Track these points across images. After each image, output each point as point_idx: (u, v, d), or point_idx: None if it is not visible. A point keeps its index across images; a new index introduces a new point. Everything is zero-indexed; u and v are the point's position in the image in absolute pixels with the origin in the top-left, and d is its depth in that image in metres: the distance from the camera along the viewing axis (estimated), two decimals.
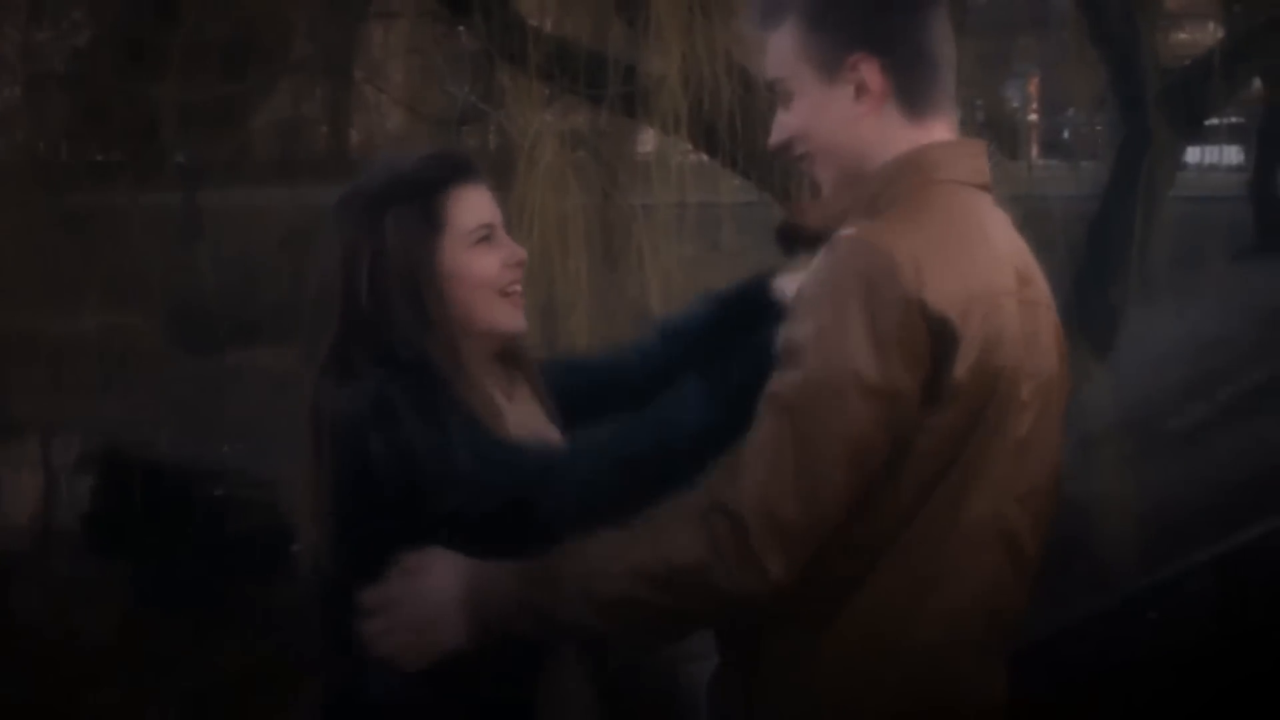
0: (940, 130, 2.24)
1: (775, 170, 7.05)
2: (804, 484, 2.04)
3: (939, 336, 2.05)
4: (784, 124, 2.28)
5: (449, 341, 2.35)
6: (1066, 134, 15.49)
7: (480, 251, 2.39)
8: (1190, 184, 12.01)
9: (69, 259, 11.31)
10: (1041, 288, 2.26)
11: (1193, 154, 14.24)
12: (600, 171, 7.85)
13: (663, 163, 7.35)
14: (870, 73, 2.19)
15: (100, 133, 12.10)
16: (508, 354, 2.51)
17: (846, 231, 2.10)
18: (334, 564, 2.36)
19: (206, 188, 12.44)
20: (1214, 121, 12.43)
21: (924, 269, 2.05)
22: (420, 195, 2.38)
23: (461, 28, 8.59)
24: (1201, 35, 13.30)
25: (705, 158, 7.55)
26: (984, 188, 2.25)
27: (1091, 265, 8.62)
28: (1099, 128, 12.31)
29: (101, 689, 8.46)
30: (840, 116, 2.22)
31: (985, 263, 2.14)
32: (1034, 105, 16.30)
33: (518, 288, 2.45)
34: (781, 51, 2.25)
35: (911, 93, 2.21)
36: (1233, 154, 17.88)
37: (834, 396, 2.03)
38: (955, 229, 2.15)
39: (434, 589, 2.24)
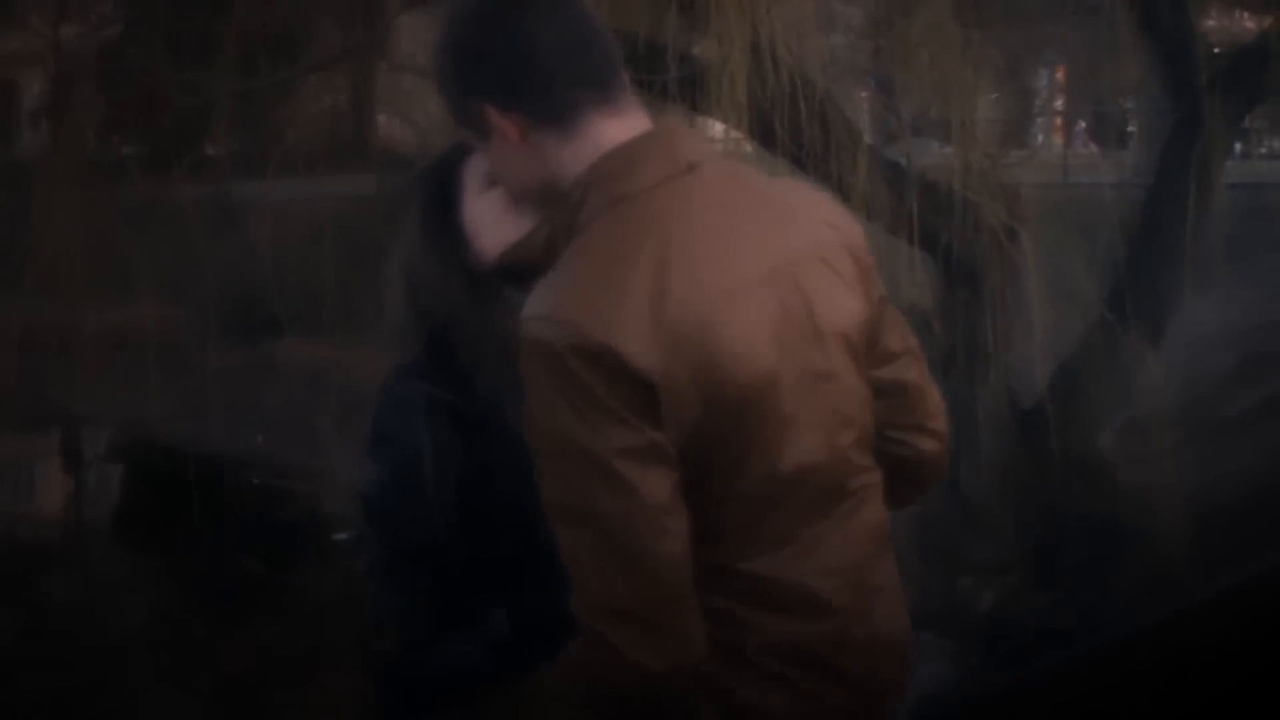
0: (613, 130, 2.12)
1: (831, 161, 7.00)
2: (626, 564, 1.97)
3: (652, 389, 1.97)
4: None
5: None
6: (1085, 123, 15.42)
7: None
8: (1235, 170, 11.94)
9: (100, 251, 11.30)
10: (806, 238, 2.16)
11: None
12: None
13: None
14: (494, 119, 2.12)
15: (130, 125, 12.09)
16: None
17: (529, 312, 2.01)
18: None
19: (239, 180, 12.43)
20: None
21: (622, 330, 1.96)
22: None
23: None
24: (1237, 19, 13.18)
25: (756, 148, 7.51)
26: (691, 169, 2.11)
27: (1144, 253, 8.57)
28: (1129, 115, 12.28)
29: (136, 680, 8.47)
30: (510, 160, 2.16)
31: (697, 278, 2.02)
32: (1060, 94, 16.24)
33: None
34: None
35: (549, 113, 2.11)
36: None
37: (601, 477, 1.96)
38: (653, 257, 2.02)
39: None
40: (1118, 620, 7.35)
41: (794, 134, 6.84)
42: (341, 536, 10.98)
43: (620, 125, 2.12)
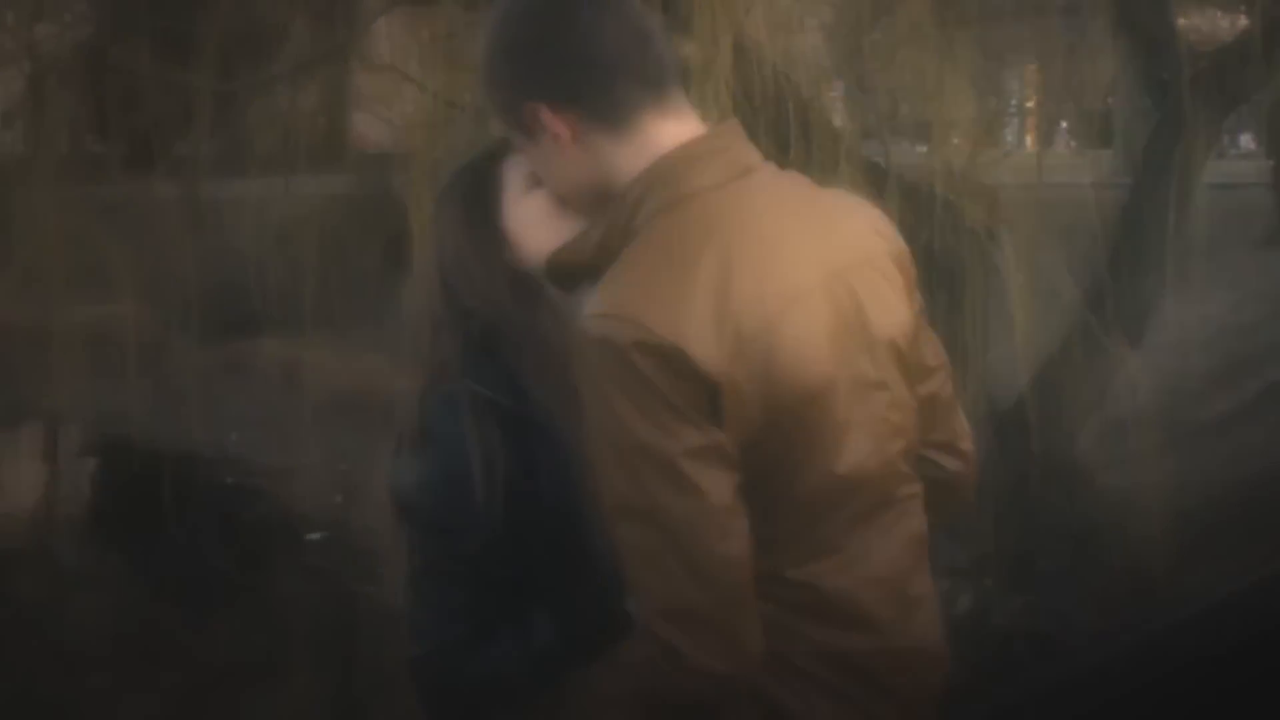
0: (669, 131, 2.09)
1: (813, 163, 7.00)
2: (689, 565, 1.95)
3: (716, 389, 1.96)
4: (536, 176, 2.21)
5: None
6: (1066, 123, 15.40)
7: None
8: (1210, 169, 11.98)
9: (71, 250, 11.25)
10: (859, 245, 2.15)
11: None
12: None
13: None
14: (546, 118, 2.08)
15: (107, 124, 12.05)
16: None
17: (594, 310, 1.98)
18: None
19: (215, 179, 12.39)
20: None
21: (687, 329, 1.95)
22: None
23: None
24: (1211, 18, 13.21)
25: None
26: (747, 172, 2.10)
27: (1124, 254, 8.57)
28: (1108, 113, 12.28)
29: (106, 679, 8.43)
30: (559, 162, 2.12)
31: (759, 281, 2.01)
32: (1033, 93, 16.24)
33: None
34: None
35: (606, 113, 2.08)
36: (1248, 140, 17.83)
37: (666, 477, 1.94)
38: (715, 259, 2.00)
39: None
40: (1097, 624, 7.36)
41: (776, 135, 6.83)
42: (314, 536, 10.98)
43: (675, 126, 2.10)
